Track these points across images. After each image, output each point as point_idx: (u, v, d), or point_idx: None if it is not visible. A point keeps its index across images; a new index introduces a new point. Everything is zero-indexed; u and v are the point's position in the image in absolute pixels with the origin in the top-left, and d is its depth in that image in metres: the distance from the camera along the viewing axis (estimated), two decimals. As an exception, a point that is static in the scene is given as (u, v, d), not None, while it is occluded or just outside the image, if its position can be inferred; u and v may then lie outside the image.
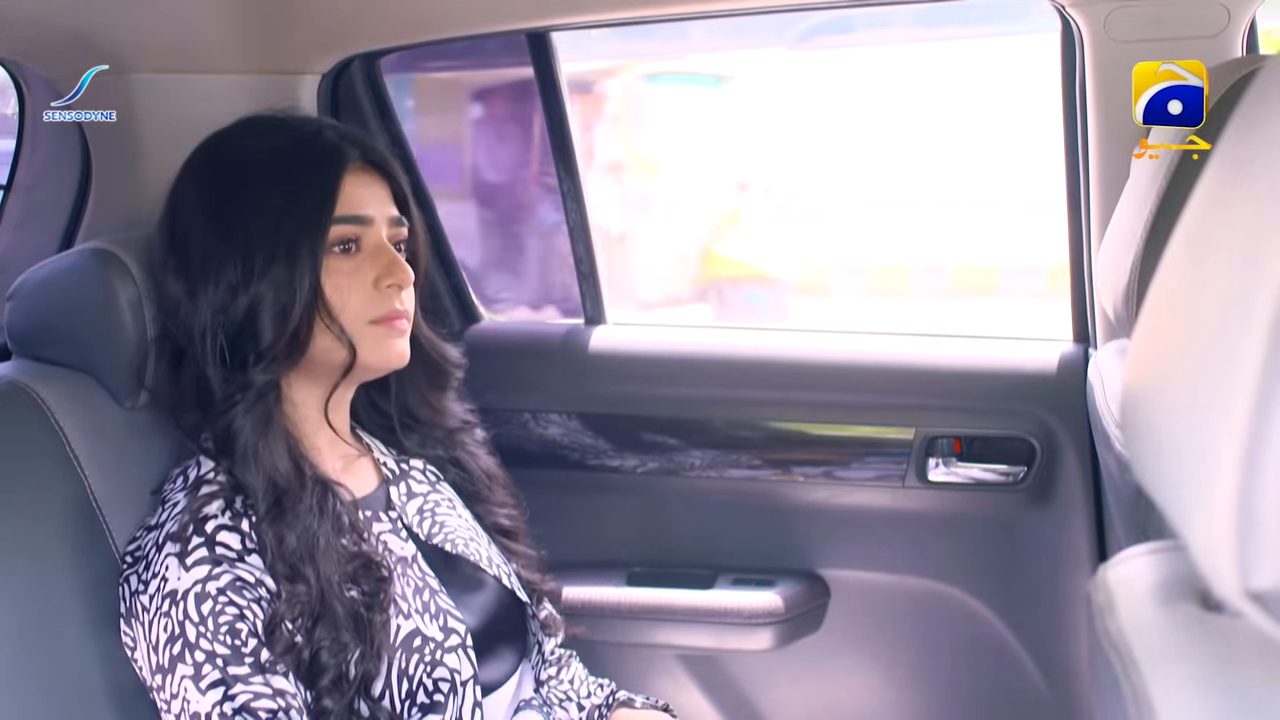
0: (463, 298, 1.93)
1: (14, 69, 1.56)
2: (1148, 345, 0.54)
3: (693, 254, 5.82)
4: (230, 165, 1.20)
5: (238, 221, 1.16)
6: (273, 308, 1.14)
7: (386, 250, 1.18)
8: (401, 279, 1.18)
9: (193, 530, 1.09)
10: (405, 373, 1.26)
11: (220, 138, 1.23)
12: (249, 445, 1.13)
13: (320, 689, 1.09)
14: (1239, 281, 0.45)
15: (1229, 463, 0.43)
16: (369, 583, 1.14)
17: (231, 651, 1.06)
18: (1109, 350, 1.37)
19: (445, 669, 1.15)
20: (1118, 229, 1.26)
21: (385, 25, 1.63)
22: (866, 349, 1.79)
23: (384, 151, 1.23)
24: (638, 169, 5.81)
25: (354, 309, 1.17)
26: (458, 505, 1.32)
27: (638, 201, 5.71)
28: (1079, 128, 1.57)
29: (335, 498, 1.17)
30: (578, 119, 1.80)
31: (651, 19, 1.74)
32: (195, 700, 1.05)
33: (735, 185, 5.96)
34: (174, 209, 1.21)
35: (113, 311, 1.22)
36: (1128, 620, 0.56)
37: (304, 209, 1.15)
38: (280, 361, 1.15)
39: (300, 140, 1.20)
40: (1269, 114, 0.48)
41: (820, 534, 1.76)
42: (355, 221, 1.17)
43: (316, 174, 1.17)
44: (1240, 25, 1.43)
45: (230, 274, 1.14)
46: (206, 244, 1.16)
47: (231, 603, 1.07)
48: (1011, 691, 1.73)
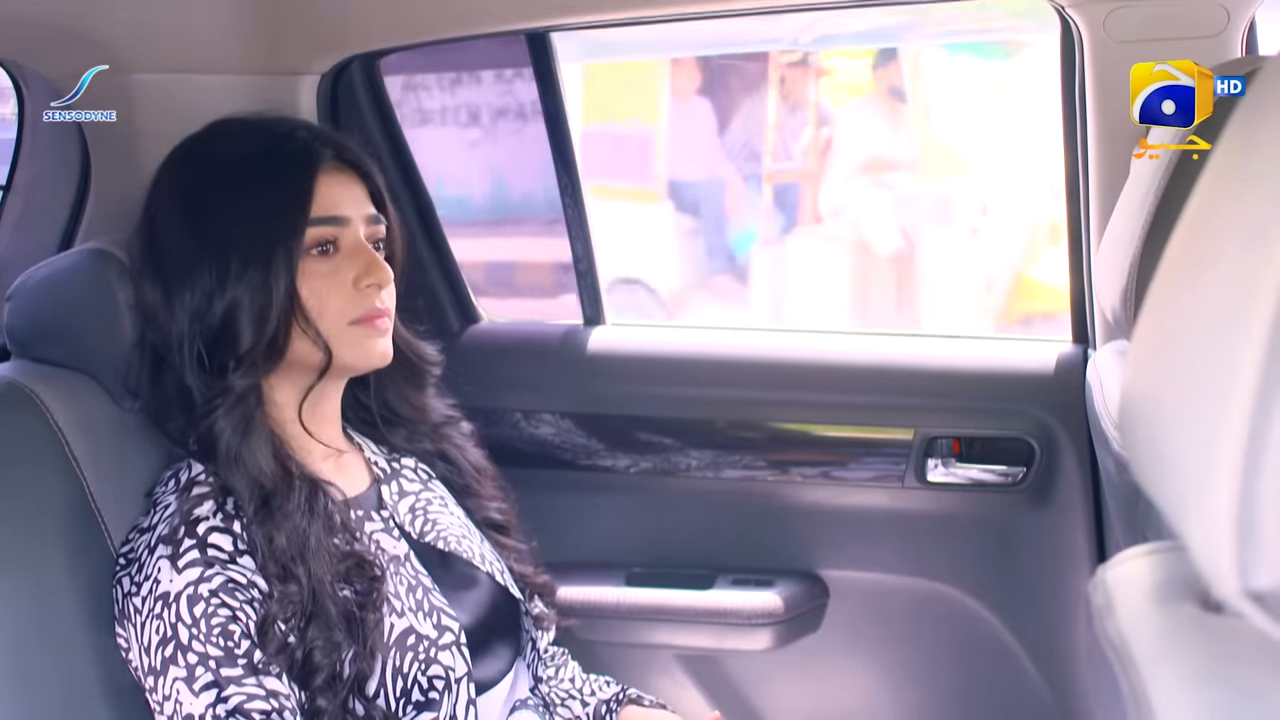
0: (461, 298, 1.92)
1: (14, 69, 1.56)
2: (1147, 346, 0.54)
3: (1002, 280, 4.22)
4: (203, 170, 1.20)
5: (212, 227, 1.15)
6: (249, 312, 1.13)
7: (364, 250, 1.18)
8: (381, 278, 1.18)
9: (184, 532, 1.09)
10: (383, 372, 1.26)
11: (193, 142, 1.23)
12: (230, 448, 1.13)
13: (314, 689, 1.09)
14: (1239, 282, 0.45)
15: (1229, 463, 0.43)
16: (362, 582, 1.14)
17: (224, 653, 1.06)
18: (1108, 351, 1.37)
19: (439, 666, 1.15)
20: (1117, 229, 1.26)
21: (385, 25, 1.63)
22: (866, 349, 1.79)
23: (358, 150, 1.23)
24: (935, 165, 4.45)
25: (334, 310, 1.16)
26: (450, 502, 1.32)
27: (932, 208, 4.35)
28: (1079, 128, 1.57)
29: (325, 497, 1.17)
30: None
31: (652, 19, 1.74)
32: (188, 702, 1.05)
33: (1050, 189, 3.72)
34: (149, 216, 1.21)
35: (112, 312, 1.22)
36: (1127, 621, 0.56)
37: (278, 212, 1.15)
38: (259, 366, 1.15)
39: (273, 142, 1.19)
40: (1269, 114, 0.48)
41: (819, 534, 1.76)
42: (331, 222, 1.17)
43: (290, 176, 1.16)
44: (1240, 25, 1.43)
45: (205, 280, 1.14)
46: (182, 250, 1.16)
47: (224, 604, 1.07)
48: (1011, 692, 1.73)
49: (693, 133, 4.57)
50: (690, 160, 4.64)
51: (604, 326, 1.88)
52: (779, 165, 4.67)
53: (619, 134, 4.64)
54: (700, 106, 4.58)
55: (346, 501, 1.21)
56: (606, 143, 4.59)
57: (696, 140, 4.57)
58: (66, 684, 1.13)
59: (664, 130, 4.61)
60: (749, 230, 4.70)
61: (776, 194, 4.70)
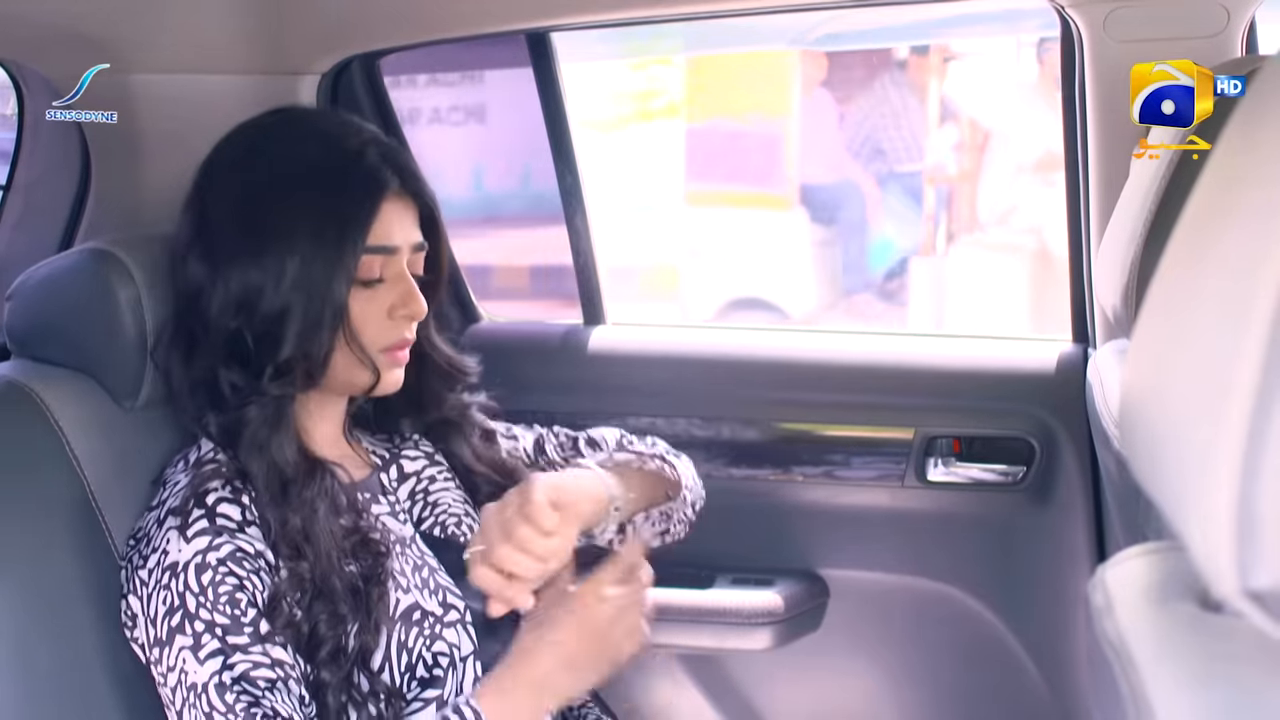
0: (462, 298, 1.93)
1: (14, 69, 1.56)
2: (1147, 345, 0.54)
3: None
4: (266, 168, 1.17)
5: (269, 228, 1.14)
6: (298, 323, 1.13)
7: (405, 280, 1.18)
8: (415, 310, 1.18)
9: (193, 503, 1.10)
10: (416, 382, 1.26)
11: (257, 132, 1.21)
12: (258, 438, 1.14)
13: (318, 661, 1.09)
14: (1239, 281, 0.45)
15: (1229, 463, 0.43)
16: (367, 557, 1.14)
17: (231, 621, 1.06)
18: (1108, 350, 1.37)
19: (444, 643, 1.16)
20: (1117, 229, 1.26)
21: (385, 25, 1.63)
22: (866, 349, 1.79)
23: (420, 175, 1.21)
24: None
25: (369, 337, 1.17)
26: (455, 479, 1.32)
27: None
28: (1079, 128, 1.57)
29: (333, 478, 1.17)
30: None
31: (652, 19, 1.74)
32: (193, 671, 1.06)
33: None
34: (203, 196, 1.19)
35: (112, 311, 1.22)
36: (1126, 620, 0.56)
37: (337, 238, 1.13)
38: (298, 382, 1.15)
39: (342, 159, 1.17)
40: (1269, 114, 0.48)
41: (820, 534, 1.76)
42: (382, 252, 1.16)
43: (355, 202, 1.15)
44: (1240, 25, 1.43)
45: (255, 275, 1.13)
46: (236, 237, 1.15)
47: (231, 573, 1.07)
48: (1011, 691, 1.73)
49: (820, 129, 3.98)
50: (821, 161, 4.01)
51: (604, 326, 1.88)
52: (915, 165, 4.08)
53: (735, 131, 4.07)
54: (824, 99, 3.98)
55: (353, 484, 1.21)
56: (719, 141, 4.06)
57: (824, 138, 3.96)
58: (71, 681, 1.14)
59: (794, 127, 3.92)
60: (884, 240, 4.13)
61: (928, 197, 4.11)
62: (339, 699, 1.10)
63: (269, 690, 1.05)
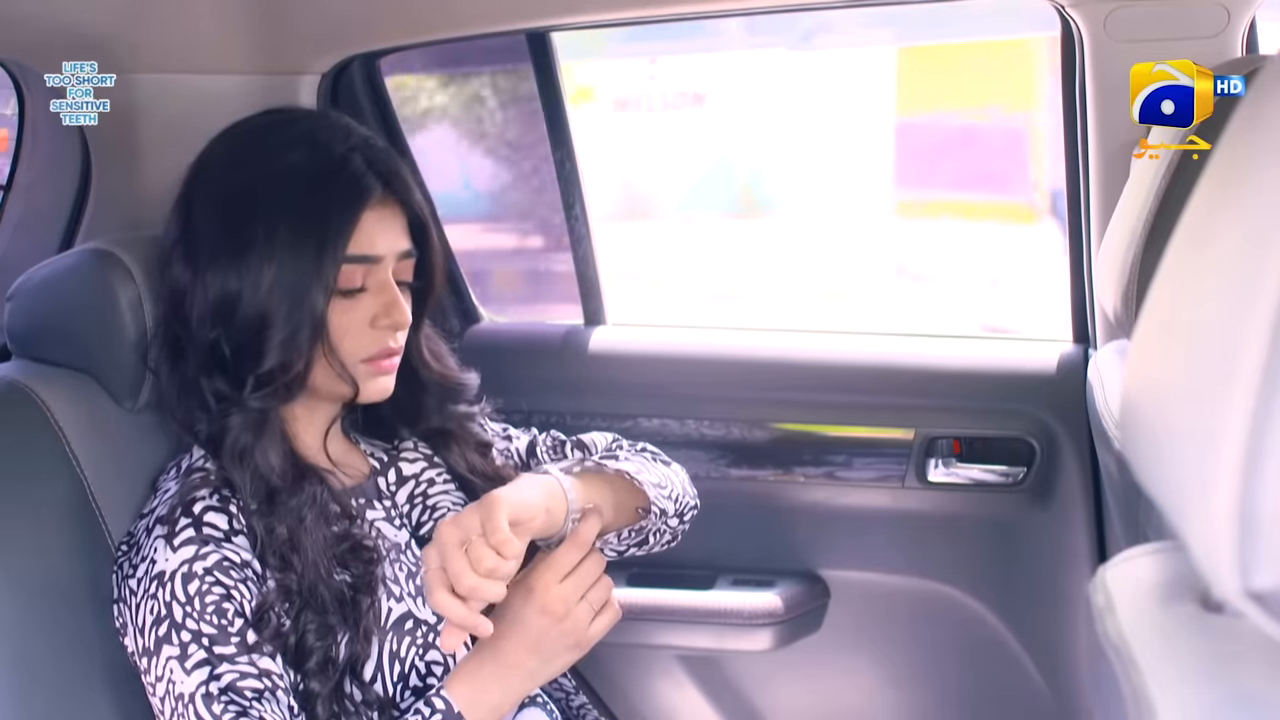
0: (462, 298, 1.93)
1: (14, 69, 1.56)
2: (1147, 345, 0.54)
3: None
4: (252, 172, 1.16)
5: (251, 232, 1.12)
6: (277, 334, 1.11)
7: (389, 289, 1.16)
8: (399, 320, 1.16)
9: (181, 512, 1.09)
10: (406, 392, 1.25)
11: (248, 134, 1.20)
12: (239, 444, 1.12)
13: (306, 671, 1.09)
14: (1239, 281, 0.45)
15: (1229, 463, 0.43)
16: (357, 565, 1.14)
17: (218, 631, 1.06)
18: (1109, 351, 1.37)
19: (438, 652, 1.15)
20: (1117, 229, 1.26)
21: (385, 25, 1.63)
22: (866, 349, 1.79)
23: (408, 178, 1.19)
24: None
25: (349, 346, 1.15)
26: (453, 480, 1.31)
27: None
28: (1079, 128, 1.57)
29: (323, 485, 1.16)
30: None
31: (652, 19, 1.74)
32: (180, 680, 1.05)
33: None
34: (188, 197, 1.18)
35: (113, 312, 1.22)
36: (1127, 621, 0.56)
37: (318, 248, 1.12)
38: (279, 394, 1.13)
39: (328, 165, 1.15)
40: (1269, 114, 0.48)
41: (820, 534, 1.76)
42: (364, 261, 1.14)
43: (335, 211, 1.13)
44: (1240, 25, 1.43)
45: (233, 280, 1.12)
46: (217, 240, 1.14)
47: (218, 582, 1.07)
48: (1011, 691, 1.73)
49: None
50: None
51: (604, 326, 1.88)
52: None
53: (962, 128, 3.27)
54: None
55: (346, 490, 1.20)
56: (939, 138, 3.30)
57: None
58: (70, 680, 1.14)
59: (1043, 124, 3.06)
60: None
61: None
62: (329, 709, 1.10)
63: (256, 700, 1.05)
